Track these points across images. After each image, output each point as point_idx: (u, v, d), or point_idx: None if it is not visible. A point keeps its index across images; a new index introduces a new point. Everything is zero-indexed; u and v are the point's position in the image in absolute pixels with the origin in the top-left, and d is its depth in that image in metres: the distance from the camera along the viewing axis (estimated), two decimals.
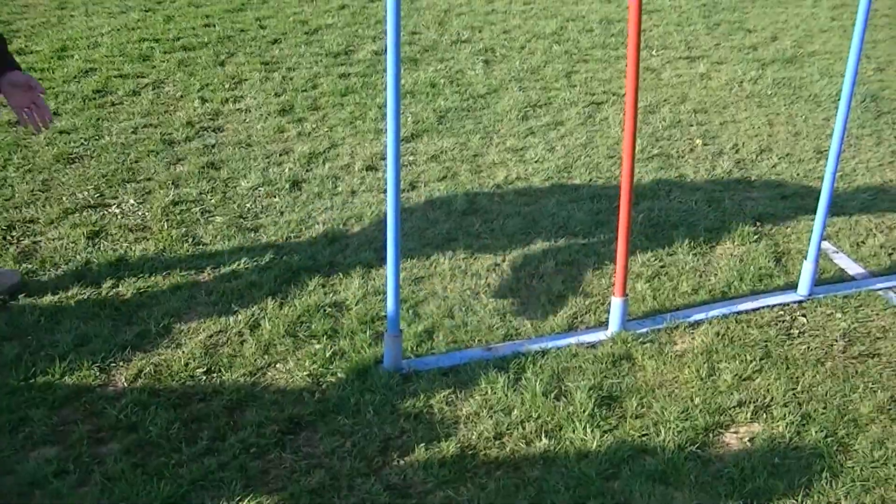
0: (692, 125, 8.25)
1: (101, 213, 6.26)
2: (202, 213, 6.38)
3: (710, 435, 4.62)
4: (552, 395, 4.77)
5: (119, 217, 6.24)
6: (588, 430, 4.54)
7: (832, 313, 5.66)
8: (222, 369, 4.88)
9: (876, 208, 6.99)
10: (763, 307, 5.68)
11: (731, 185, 7.19)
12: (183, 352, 4.99)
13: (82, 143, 7.14)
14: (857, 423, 4.74)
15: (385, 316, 4.96)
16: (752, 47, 10.49)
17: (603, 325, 5.41)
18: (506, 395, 4.74)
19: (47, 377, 4.73)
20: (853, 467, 4.46)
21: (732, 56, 10.14)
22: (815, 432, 4.65)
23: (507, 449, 4.47)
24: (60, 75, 8.34)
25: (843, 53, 5.25)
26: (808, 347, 5.31)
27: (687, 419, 4.67)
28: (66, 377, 4.75)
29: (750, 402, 4.82)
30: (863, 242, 6.52)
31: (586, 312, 5.55)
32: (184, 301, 5.42)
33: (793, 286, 5.87)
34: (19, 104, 4.90)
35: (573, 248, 6.18)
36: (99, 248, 5.90)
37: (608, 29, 10.68)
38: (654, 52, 10.08)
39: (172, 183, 6.69)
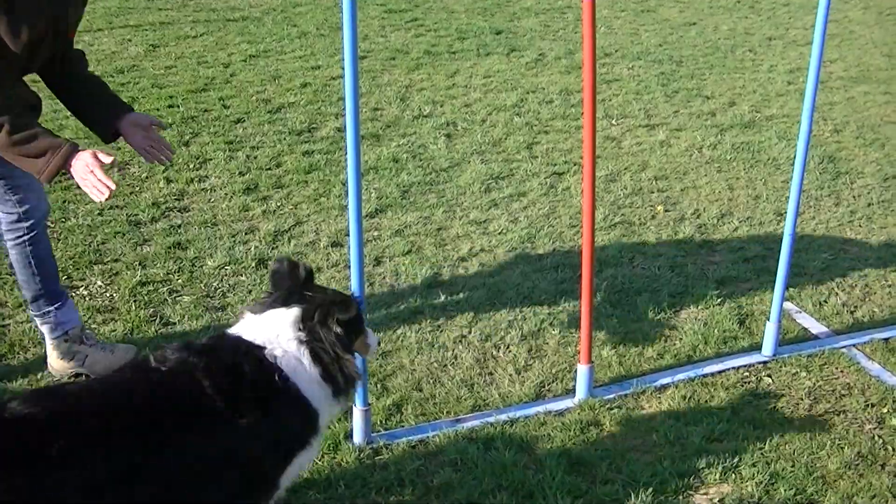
0: (653, 192, 8.34)
1: (69, 296, 6.27)
2: (169, 293, 6.40)
3: (681, 497, 4.66)
4: (522, 463, 4.79)
5: (87, 299, 6.25)
6: (559, 497, 4.56)
7: (797, 372, 5.72)
8: None
9: (837, 267, 7.08)
10: (728, 369, 5.74)
11: (693, 250, 7.27)
12: None
13: (49, 226, 7.14)
14: (825, 480, 4.80)
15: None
16: (711, 113, 10.61)
17: (570, 392, 5.45)
18: (476, 466, 4.77)
19: None
20: None
21: (691, 123, 10.26)
22: (784, 491, 4.69)
23: None
24: None
25: (800, 116, 5.35)
26: (775, 407, 5.37)
27: (656, 483, 4.70)
28: None
29: (718, 464, 4.85)
30: (825, 301, 6.60)
31: (553, 381, 5.59)
32: None
33: (757, 347, 5.94)
34: (140, 144, 5.05)
35: (538, 318, 6.23)
36: None
37: (568, 100, 10.77)
38: (613, 121, 10.17)
39: (139, 264, 6.70)
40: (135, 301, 6.26)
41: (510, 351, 5.89)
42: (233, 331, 3.91)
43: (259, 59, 11.73)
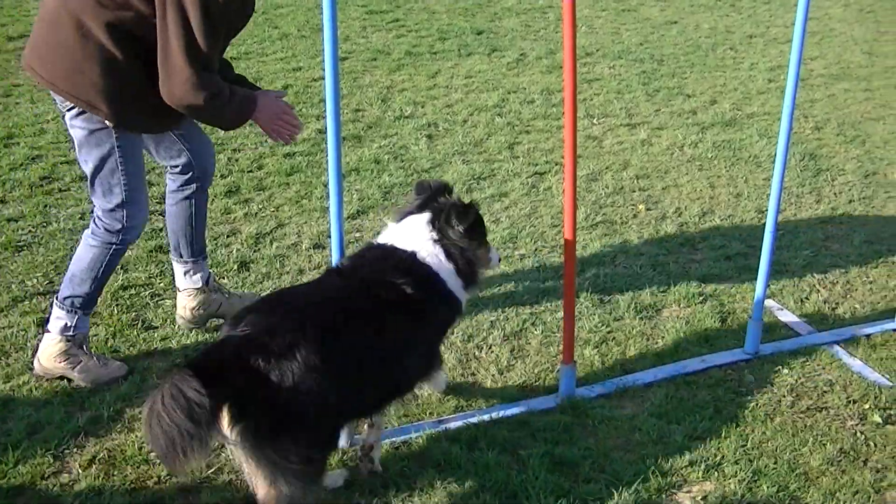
0: (635, 191, 8.35)
1: (51, 301, 6.23)
2: (151, 296, 6.38)
3: (664, 496, 4.68)
4: (505, 463, 4.80)
5: None
6: (542, 497, 4.57)
7: (779, 369, 5.74)
8: None
9: (818, 264, 7.10)
10: (711, 367, 5.75)
11: (674, 249, 7.28)
12: (136, 436, 4.97)
13: (30, 231, 7.13)
14: (807, 477, 4.82)
15: None
16: (692, 112, 10.63)
17: (553, 392, 5.45)
18: (459, 466, 4.77)
19: (0, 466, 4.72)
20: None
21: (672, 121, 10.27)
22: (767, 488, 4.71)
23: None
24: (7, 163, 8.31)
25: (781, 114, 5.38)
26: (757, 404, 5.38)
27: (639, 481, 4.71)
28: (20, 466, 4.74)
29: (701, 461, 4.87)
30: (806, 298, 6.62)
31: (536, 381, 5.59)
32: (135, 385, 5.41)
33: (739, 345, 5.95)
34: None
35: (520, 318, 6.23)
36: None
37: (549, 99, 10.77)
38: (595, 121, 10.19)
39: (121, 267, 6.66)
40: (117, 305, 6.25)
41: (492, 351, 5.89)
42: (383, 240, 4.84)
43: (240, 61, 11.69)
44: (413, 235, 4.76)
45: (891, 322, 6.32)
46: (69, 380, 5.43)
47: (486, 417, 5.20)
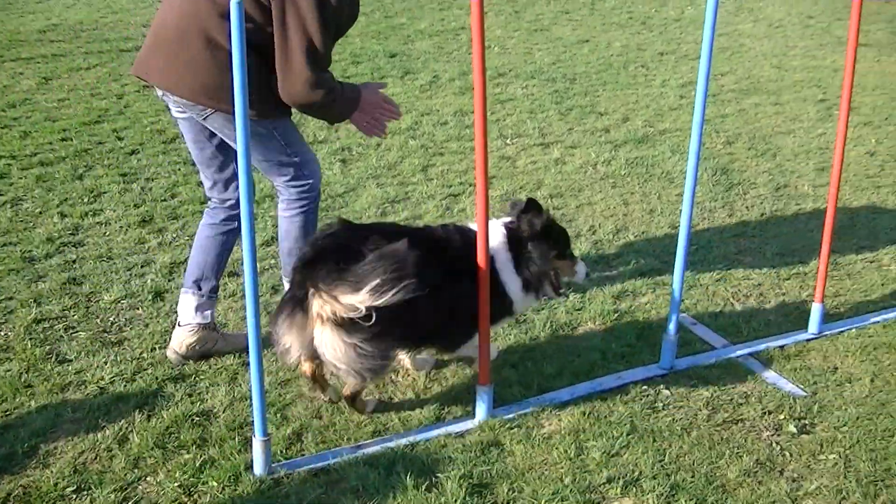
0: (549, 210, 8.36)
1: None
2: (65, 329, 6.31)
3: None
4: (423, 487, 4.78)
5: None
6: None
7: (695, 383, 5.78)
8: (92, 486, 4.81)
9: (732, 278, 7.17)
10: (627, 383, 5.77)
11: (589, 266, 7.30)
12: (51, 471, 4.91)
13: None
14: (725, 489, 4.85)
15: (253, 421, 4.94)
16: (605, 129, 10.70)
17: (470, 413, 5.45)
18: (377, 491, 4.75)
19: None
20: None
21: (585, 139, 10.34)
22: (685, 501, 4.74)
23: None
24: None
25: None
26: (674, 419, 5.41)
27: (558, 500, 4.72)
28: None
29: (619, 478, 4.89)
30: (720, 312, 6.68)
31: (453, 403, 5.59)
32: (50, 420, 5.34)
33: (655, 360, 5.98)
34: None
35: None
36: None
37: (462, 121, 10.81)
38: (508, 141, 10.23)
39: (34, 301, 6.61)
40: (30, 339, 6.17)
41: (409, 374, 5.88)
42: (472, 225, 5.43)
43: (153, 90, 11.62)
44: (492, 229, 5.33)
45: (804, 333, 6.39)
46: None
47: (403, 441, 5.17)
